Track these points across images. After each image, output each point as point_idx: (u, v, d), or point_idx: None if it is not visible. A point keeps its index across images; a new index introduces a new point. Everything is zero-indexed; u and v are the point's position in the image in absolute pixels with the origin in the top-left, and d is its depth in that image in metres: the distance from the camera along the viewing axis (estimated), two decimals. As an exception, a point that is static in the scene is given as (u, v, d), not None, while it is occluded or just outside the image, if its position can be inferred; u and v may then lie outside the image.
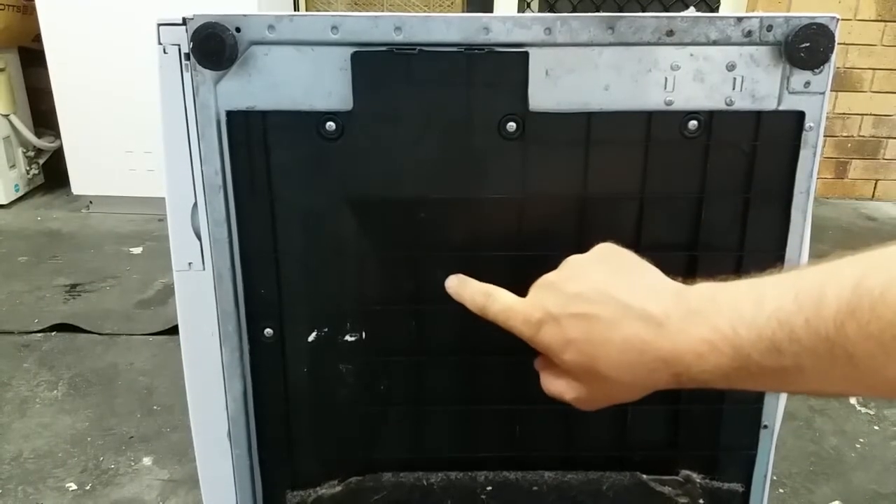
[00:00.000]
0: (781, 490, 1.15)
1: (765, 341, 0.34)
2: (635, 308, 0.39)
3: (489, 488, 0.61)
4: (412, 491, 0.61)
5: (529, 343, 0.45)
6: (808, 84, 0.53)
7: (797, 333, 0.33)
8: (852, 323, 0.30)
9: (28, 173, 2.62)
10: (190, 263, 0.56)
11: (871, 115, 2.68)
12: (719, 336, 0.36)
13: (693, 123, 0.54)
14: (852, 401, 1.41)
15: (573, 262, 0.45)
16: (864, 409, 1.39)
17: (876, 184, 2.78)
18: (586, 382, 0.42)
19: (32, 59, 2.54)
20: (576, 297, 0.42)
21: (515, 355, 0.58)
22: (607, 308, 0.40)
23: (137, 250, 2.12)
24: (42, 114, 2.63)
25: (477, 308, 0.48)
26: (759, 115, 0.54)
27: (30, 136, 2.57)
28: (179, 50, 0.52)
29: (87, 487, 1.12)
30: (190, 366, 0.59)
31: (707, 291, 0.39)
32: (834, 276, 0.32)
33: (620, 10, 2.67)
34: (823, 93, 0.54)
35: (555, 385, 0.45)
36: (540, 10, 2.79)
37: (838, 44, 0.53)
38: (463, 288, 0.50)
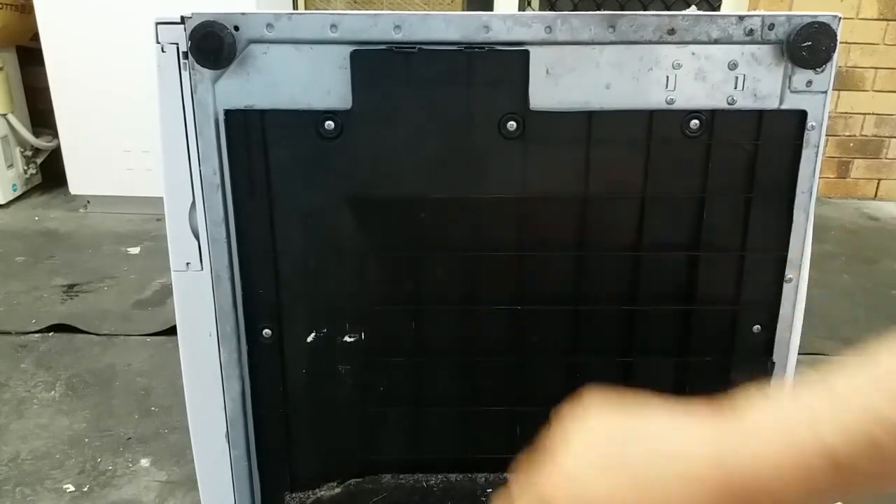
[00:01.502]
0: (782, 491, 1.15)
1: (862, 438, 0.28)
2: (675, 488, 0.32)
3: (489, 490, 0.61)
4: (412, 493, 0.61)
5: None
6: (810, 83, 0.53)
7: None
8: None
9: (26, 173, 2.62)
10: (188, 263, 0.56)
11: (873, 114, 2.67)
12: (801, 441, 0.29)
13: (695, 122, 0.53)
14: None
15: (568, 479, 0.35)
16: (864, 410, 1.38)
17: (878, 183, 2.78)
18: None
19: (30, 57, 2.54)
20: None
21: (516, 356, 0.58)
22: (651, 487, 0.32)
23: (135, 250, 2.11)
24: (40, 113, 2.62)
25: None
26: (760, 114, 0.53)
27: (27, 135, 2.56)
28: (178, 49, 0.52)
29: (85, 489, 1.12)
30: (188, 366, 0.59)
31: (759, 401, 0.32)
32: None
33: (622, 9, 2.67)
34: (825, 92, 0.53)
35: None
36: (541, 9, 2.78)
37: (840, 43, 0.52)
38: None
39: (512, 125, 0.53)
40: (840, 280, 1.88)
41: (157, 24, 0.51)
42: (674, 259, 0.56)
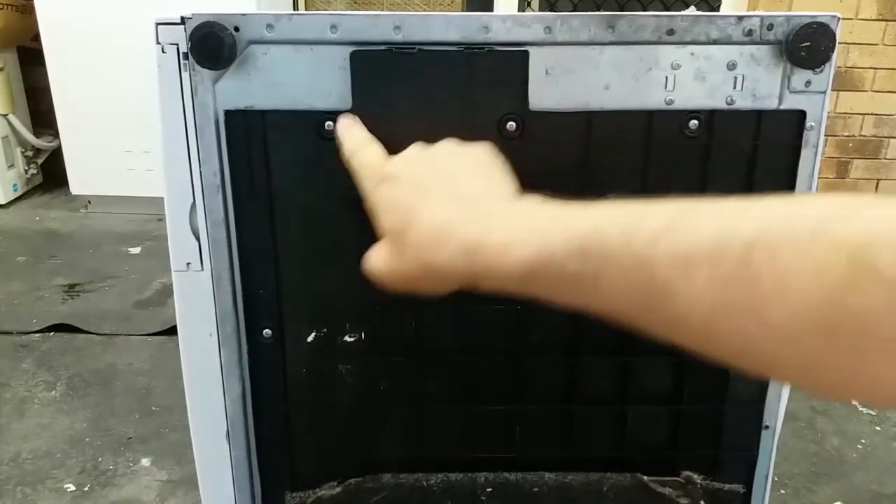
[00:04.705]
0: (783, 491, 1.15)
1: (574, 241, 0.32)
2: (466, 192, 0.39)
3: (489, 489, 0.61)
4: (412, 492, 0.61)
5: (365, 198, 0.44)
6: (809, 83, 0.53)
7: (609, 240, 0.31)
8: (664, 241, 0.29)
9: (27, 173, 2.62)
10: (188, 264, 0.56)
11: (872, 114, 2.67)
12: (530, 228, 0.34)
13: (694, 123, 0.53)
14: (854, 401, 1.41)
15: (445, 142, 0.44)
16: (865, 410, 1.38)
17: (877, 184, 2.78)
18: (396, 252, 0.41)
19: (31, 58, 2.54)
20: (421, 164, 0.42)
21: (515, 355, 0.58)
22: (442, 185, 0.40)
23: (136, 250, 2.12)
24: (41, 113, 2.63)
25: (347, 155, 0.48)
26: (759, 114, 0.53)
27: (28, 135, 2.57)
28: (178, 49, 0.52)
29: (86, 488, 1.12)
30: (189, 366, 0.59)
31: (543, 199, 0.38)
32: (669, 203, 0.31)
33: (621, 9, 2.67)
34: (824, 92, 0.53)
35: (372, 254, 0.43)
36: (540, 9, 2.78)
37: (839, 43, 0.52)
38: (348, 132, 0.49)
39: (512, 125, 0.53)
40: (840, 280, 1.88)
41: (157, 24, 0.52)
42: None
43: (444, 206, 0.38)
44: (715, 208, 0.29)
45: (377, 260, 0.42)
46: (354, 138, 0.48)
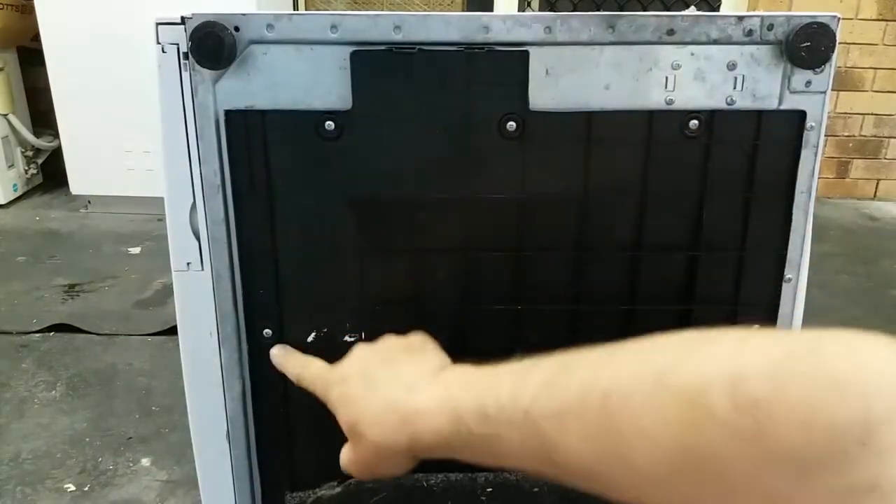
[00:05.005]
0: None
1: (477, 405, 0.35)
2: (403, 374, 0.43)
3: (489, 489, 0.61)
4: (412, 492, 0.61)
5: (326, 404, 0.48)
6: (809, 83, 0.53)
7: (502, 402, 0.34)
8: (542, 398, 0.32)
9: (26, 173, 2.62)
10: (189, 263, 0.56)
11: (872, 114, 2.68)
12: (446, 396, 0.38)
13: (694, 123, 0.53)
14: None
15: (386, 338, 0.49)
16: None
17: (877, 184, 2.78)
18: (354, 443, 0.44)
19: (31, 58, 2.54)
20: (366, 359, 0.46)
21: (515, 355, 0.58)
22: (385, 373, 0.44)
23: (136, 250, 2.12)
24: (40, 113, 2.63)
25: (296, 378, 0.52)
26: (760, 114, 0.53)
27: (28, 135, 2.57)
28: (178, 49, 0.52)
29: (86, 488, 1.12)
30: (189, 366, 0.59)
31: (465, 367, 0.41)
32: (552, 357, 0.34)
33: (621, 9, 2.67)
34: (825, 92, 0.53)
35: (342, 452, 0.47)
36: (540, 9, 2.78)
37: (839, 43, 0.53)
38: (285, 359, 0.55)
39: (512, 125, 0.53)
40: (839, 280, 1.88)
41: (158, 24, 0.52)
42: (673, 259, 0.56)
43: (387, 390, 0.42)
44: (584, 360, 0.32)
45: (343, 455, 0.46)
46: (295, 363, 0.53)
